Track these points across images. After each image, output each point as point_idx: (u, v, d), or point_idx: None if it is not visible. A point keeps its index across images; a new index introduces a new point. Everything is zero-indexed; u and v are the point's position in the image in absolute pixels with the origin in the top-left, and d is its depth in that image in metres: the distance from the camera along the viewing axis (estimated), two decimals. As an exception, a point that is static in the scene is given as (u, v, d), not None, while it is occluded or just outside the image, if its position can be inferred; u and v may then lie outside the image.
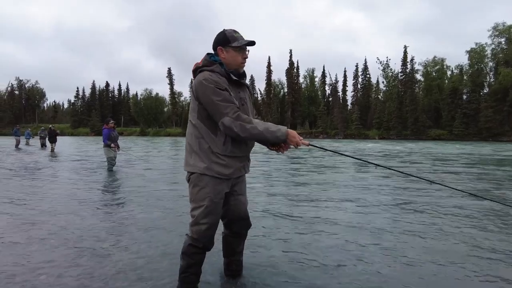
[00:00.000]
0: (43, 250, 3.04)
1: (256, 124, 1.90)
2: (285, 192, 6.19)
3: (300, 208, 4.89)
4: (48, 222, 4.01)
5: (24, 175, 8.46)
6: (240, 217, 2.27)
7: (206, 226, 2.04)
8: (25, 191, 6.18)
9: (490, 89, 58.58)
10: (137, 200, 5.38)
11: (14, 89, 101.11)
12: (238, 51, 2.03)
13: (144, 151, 19.37)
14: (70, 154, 16.38)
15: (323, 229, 3.77)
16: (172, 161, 13.36)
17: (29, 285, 2.36)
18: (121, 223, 3.99)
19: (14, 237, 3.41)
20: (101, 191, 6.28)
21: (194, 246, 2.08)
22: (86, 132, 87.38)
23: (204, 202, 2.02)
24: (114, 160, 9.74)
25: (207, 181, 2.01)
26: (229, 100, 1.92)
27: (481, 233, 3.69)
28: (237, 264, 2.46)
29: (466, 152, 20.89)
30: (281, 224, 3.99)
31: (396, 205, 5.11)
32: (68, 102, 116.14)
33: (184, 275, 2.14)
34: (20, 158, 13.85)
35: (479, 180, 8.10)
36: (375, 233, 3.64)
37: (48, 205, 4.92)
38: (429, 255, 2.99)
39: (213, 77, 1.95)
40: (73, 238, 3.39)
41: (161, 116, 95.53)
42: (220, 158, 2.00)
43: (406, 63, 65.72)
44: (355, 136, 66.22)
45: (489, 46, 59.55)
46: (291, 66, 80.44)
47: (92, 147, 24.39)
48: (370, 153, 19.72)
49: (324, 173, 9.41)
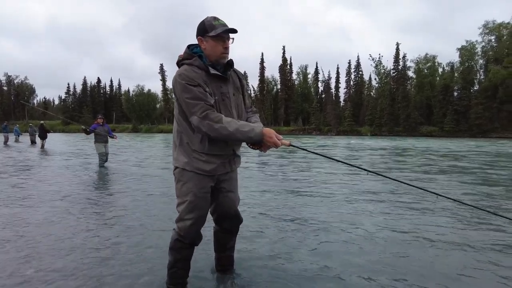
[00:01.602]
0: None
1: (227, 123, 1.80)
2: (278, 189, 6.21)
3: (293, 203, 4.92)
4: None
5: (12, 172, 8.34)
6: (229, 214, 2.24)
7: (191, 221, 2.02)
8: (14, 189, 6.10)
9: (480, 87, 59.27)
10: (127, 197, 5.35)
11: (2, 85, 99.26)
12: (217, 40, 1.90)
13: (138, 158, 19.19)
14: (61, 151, 16.18)
15: (315, 224, 3.81)
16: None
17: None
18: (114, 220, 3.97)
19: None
20: (93, 189, 6.23)
21: (180, 241, 2.07)
22: (77, 129, 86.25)
23: (187, 197, 1.99)
24: (105, 156, 9.67)
25: (190, 176, 1.98)
26: (199, 98, 1.83)
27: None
28: (228, 260, 2.45)
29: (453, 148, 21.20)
30: (271, 220, 4.00)
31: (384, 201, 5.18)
32: (59, 98, 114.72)
33: (172, 271, 2.14)
34: (8, 155, 13.64)
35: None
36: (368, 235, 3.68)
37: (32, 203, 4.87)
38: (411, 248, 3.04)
39: (188, 72, 1.88)
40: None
41: (154, 113, 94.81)
42: (199, 154, 1.96)
43: (399, 60, 66.13)
44: (347, 132, 66.56)
45: (479, 44, 60.26)
46: (284, 62, 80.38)
47: (82, 142, 24.12)
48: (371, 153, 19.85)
49: (309, 170, 9.45)
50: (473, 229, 3.69)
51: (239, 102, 2.11)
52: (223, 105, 1.96)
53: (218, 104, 1.95)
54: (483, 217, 4.14)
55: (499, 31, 57.37)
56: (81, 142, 27.04)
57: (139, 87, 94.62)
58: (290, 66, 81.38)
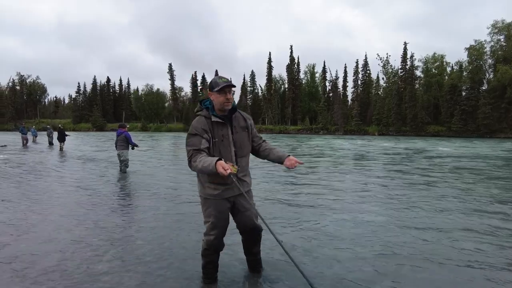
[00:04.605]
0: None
1: (198, 162, 2.34)
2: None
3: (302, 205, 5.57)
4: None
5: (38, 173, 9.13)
6: (248, 228, 2.84)
7: (214, 236, 2.71)
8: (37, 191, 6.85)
9: (488, 86, 59.00)
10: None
11: (15, 84, 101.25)
12: (220, 94, 2.50)
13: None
14: (80, 154, 17.02)
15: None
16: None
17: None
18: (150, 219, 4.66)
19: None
20: (121, 192, 6.95)
21: (207, 250, 2.78)
22: (87, 128, 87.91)
23: (210, 218, 2.69)
24: (128, 162, 10.42)
25: (210, 202, 2.66)
26: (192, 144, 2.46)
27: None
28: (256, 262, 3.06)
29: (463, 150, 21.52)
30: (294, 222, 4.65)
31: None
32: (69, 97, 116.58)
33: (205, 270, 2.89)
34: (32, 158, 14.51)
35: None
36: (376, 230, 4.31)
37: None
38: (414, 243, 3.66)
39: (196, 122, 2.55)
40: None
41: (162, 112, 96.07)
42: (208, 183, 2.63)
43: (406, 59, 66.13)
44: (354, 132, 66.90)
45: (488, 43, 59.93)
46: (292, 61, 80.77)
47: (98, 143, 25.01)
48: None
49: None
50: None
51: (242, 138, 2.68)
52: (222, 144, 2.58)
53: (218, 144, 2.56)
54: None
55: (509, 31, 56.96)
56: (90, 141, 27.94)
57: (148, 86, 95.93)
58: (297, 65, 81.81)
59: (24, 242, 3.87)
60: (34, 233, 4.19)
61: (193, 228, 4.42)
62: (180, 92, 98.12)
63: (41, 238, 4.00)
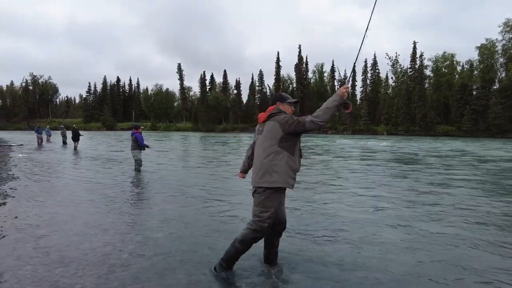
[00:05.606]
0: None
1: (319, 111, 3.13)
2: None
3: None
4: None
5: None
6: (281, 221, 3.20)
7: (268, 224, 3.00)
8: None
9: (500, 85, 58.20)
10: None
11: (28, 84, 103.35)
12: (290, 105, 3.29)
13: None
14: (96, 153, 17.52)
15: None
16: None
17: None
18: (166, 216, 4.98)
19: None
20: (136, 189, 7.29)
21: (255, 238, 3.04)
22: (98, 127, 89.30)
23: (271, 209, 2.97)
24: (141, 161, 10.79)
25: (276, 195, 2.98)
26: (302, 118, 3.08)
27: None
28: (274, 255, 3.38)
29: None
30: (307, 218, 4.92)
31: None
32: (80, 97, 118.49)
33: (236, 256, 3.12)
34: (48, 157, 15.03)
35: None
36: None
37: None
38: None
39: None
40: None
41: (171, 111, 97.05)
42: (291, 172, 2.98)
43: (415, 59, 65.65)
44: (363, 131, 66.66)
45: (499, 42, 59.11)
46: (300, 61, 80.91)
47: (112, 142, 25.54)
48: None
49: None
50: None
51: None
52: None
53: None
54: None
55: (521, 29, 56.23)
56: (105, 141, 28.52)
57: (157, 86, 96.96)
58: (306, 64, 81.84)
59: (58, 234, 4.23)
60: (66, 227, 4.54)
61: (212, 226, 4.71)
62: (189, 91, 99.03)
63: (72, 231, 4.35)
